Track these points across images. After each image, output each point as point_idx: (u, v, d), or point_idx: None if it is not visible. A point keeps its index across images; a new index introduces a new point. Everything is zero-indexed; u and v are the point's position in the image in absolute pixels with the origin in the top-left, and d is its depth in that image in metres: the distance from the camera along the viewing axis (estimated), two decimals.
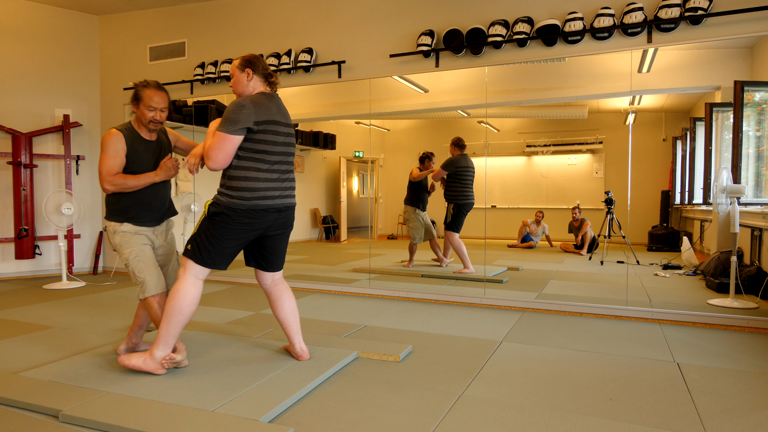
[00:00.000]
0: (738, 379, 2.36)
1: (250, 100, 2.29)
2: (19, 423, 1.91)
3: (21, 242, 5.30)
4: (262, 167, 2.32)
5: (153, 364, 2.32)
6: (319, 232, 8.14)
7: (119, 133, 2.50)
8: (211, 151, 2.25)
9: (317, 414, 1.98)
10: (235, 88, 2.43)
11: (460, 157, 5.09)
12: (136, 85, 2.54)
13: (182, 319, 2.30)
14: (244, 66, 2.39)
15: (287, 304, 2.57)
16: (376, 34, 4.46)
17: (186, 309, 2.30)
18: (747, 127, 3.91)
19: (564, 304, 3.75)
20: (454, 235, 5.04)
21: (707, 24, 3.41)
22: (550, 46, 3.84)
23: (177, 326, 2.30)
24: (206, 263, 2.33)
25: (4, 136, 5.29)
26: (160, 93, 2.51)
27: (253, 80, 2.40)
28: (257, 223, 2.35)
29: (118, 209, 2.54)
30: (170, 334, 2.31)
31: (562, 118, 5.80)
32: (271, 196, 2.35)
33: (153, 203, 2.60)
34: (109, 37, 5.80)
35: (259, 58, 2.43)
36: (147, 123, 2.52)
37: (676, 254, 4.84)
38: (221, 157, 2.25)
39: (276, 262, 2.56)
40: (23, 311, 3.82)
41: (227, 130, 2.23)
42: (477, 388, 2.24)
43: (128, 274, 5.69)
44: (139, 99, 2.50)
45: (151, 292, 2.50)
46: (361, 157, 7.94)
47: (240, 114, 2.23)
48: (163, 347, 2.32)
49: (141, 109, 2.50)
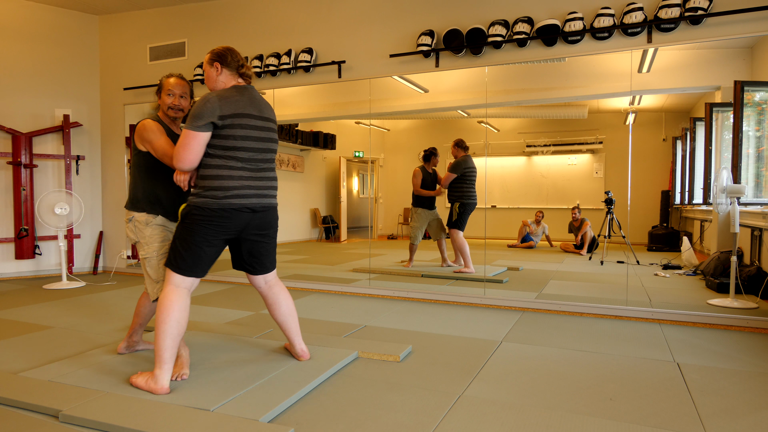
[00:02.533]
0: (738, 379, 2.36)
1: (215, 95, 2.19)
2: (19, 423, 1.91)
3: (21, 242, 5.30)
4: (235, 165, 2.20)
5: (154, 385, 2.14)
6: (319, 232, 8.14)
7: (155, 122, 2.50)
8: (178, 151, 2.16)
9: (317, 414, 1.98)
10: (207, 84, 2.36)
11: (466, 158, 5.14)
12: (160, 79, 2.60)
13: (175, 329, 2.15)
14: (213, 60, 2.31)
15: (284, 307, 2.51)
16: (376, 34, 4.46)
17: (176, 319, 2.15)
18: (747, 127, 3.91)
19: (564, 304, 3.75)
20: (458, 234, 5.06)
21: (707, 24, 3.41)
22: (550, 46, 3.84)
23: (169, 339, 2.14)
24: (183, 270, 2.20)
25: (4, 136, 5.29)
26: (179, 80, 2.55)
27: (223, 74, 2.31)
28: (230, 225, 2.22)
29: (156, 201, 2.49)
30: (165, 349, 2.14)
31: (562, 118, 5.80)
32: (244, 194, 2.22)
33: (180, 196, 2.58)
34: (109, 37, 5.80)
35: (230, 51, 2.33)
36: (167, 109, 2.53)
37: (676, 254, 4.84)
38: (188, 156, 2.15)
39: (262, 266, 2.45)
40: (23, 311, 3.81)
41: (191, 127, 2.13)
42: (477, 388, 2.24)
43: (129, 274, 5.72)
44: (161, 88, 2.55)
45: None
46: (361, 157, 7.94)
47: (203, 109, 2.13)
48: (162, 365, 2.14)
49: (162, 97, 2.54)
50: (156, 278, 2.49)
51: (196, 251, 2.21)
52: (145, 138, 2.42)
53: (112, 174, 5.84)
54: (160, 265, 2.46)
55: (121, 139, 5.75)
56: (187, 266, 2.21)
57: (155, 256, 2.47)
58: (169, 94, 2.52)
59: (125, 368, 2.44)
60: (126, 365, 2.49)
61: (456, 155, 5.17)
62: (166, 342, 2.14)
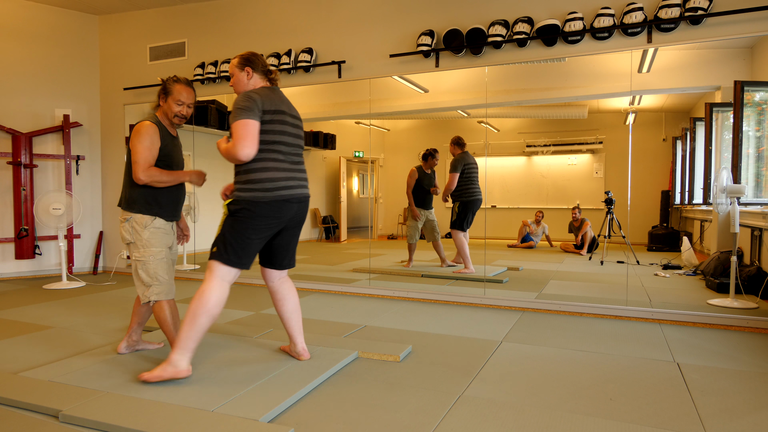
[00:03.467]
0: (738, 379, 2.36)
1: (255, 92, 2.29)
2: (19, 423, 1.91)
3: (21, 242, 5.30)
4: (279, 158, 2.30)
5: (172, 369, 2.20)
6: (319, 232, 8.14)
7: (155, 126, 2.48)
8: (239, 141, 2.17)
9: (317, 414, 1.98)
10: (235, 87, 2.42)
11: (464, 155, 5.11)
12: (165, 80, 2.55)
13: (206, 321, 2.21)
14: (243, 65, 2.38)
15: (292, 303, 2.55)
16: (376, 34, 4.46)
17: (211, 310, 2.21)
18: (747, 127, 3.91)
19: (564, 304, 3.75)
20: (457, 234, 5.04)
21: (707, 24, 3.41)
22: (550, 46, 3.84)
23: (200, 329, 2.21)
24: (233, 263, 2.27)
25: (4, 136, 5.29)
26: (189, 89, 2.54)
27: (253, 78, 2.39)
28: (280, 216, 2.31)
29: (154, 203, 2.49)
30: (191, 337, 2.20)
31: (562, 118, 5.80)
32: (291, 186, 2.33)
33: (180, 200, 2.62)
34: (109, 37, 5.80)
35: (258, 56, 2.42)
36: (173, 117, 2.52)
37: (676, 254, 4.84)
38: (253, 144, 2.20)
39: (290, 260, 2.54)
40: (23, 311, 3.81)
41: (246, 116, 2.20)
42: (477, 388, 2.24)
43: (129, 274, 5.71)
44: (168, 92, 2.51)
45: (169, 295, 2.49)
46: (361, 157, 7.94)
47: (251, 103, 2.22)
48: (183, 351, 2.20)
49: (169, 103, 2.51)
50: (147, 282, 2.48)
51: (247, 243, 2.27)
52: (133, 140, 2.43)
53: (112, 174, 5.84)
54: (156, 270, 2.46)
55: (121, 139, 5.75)
56: (237, 258, 2.27)
57: (151, 260, 2.45)
58: (179, 104, 2.51)
59: (125, 368, 2.44)
60: (126, 365, 2.49)
61: (454, 153, 5.15)
62: (193, 332, 2.20)
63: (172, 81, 2.52)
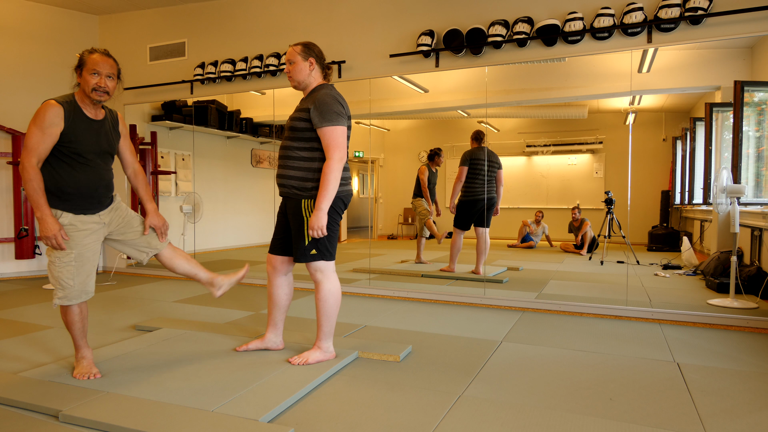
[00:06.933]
0: (738, 379, 2.36)
1: (342, 98, 2.40)
2: (19, 423, 1.91)
3: (21, 242, 5.30)
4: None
5: (324, 354, 2.49)
6: None
7: (59, 106, 2.13)
8: (338, 149, 2.31)
9: (317, 414, 1.98)
10: (294, 74, 2.42)
11: (473, 150, 4.93)
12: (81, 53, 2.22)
13: (337, 309, 2.49)
14: (308, 55, 2.41)
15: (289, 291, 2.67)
16: (376, 34, 4.46)
17: (338, 299, 2.48)
18: (747, 127, 3.91)
19: (564, 304, 3.75)
20: (455, 232, 5.03)
21: (707, 24, 3.41)
22: (550, 46, 3.84)
23: (334, 319, 2.51)
24: (332, 256, 2.46)
25: (4, 136, 5.29)
26: (106, 58, 2.20)
27: (315, 70, 2.42)
28: (345, 208, 2.51)
29: (56, 191, 2.17)
30: (332, 326, 2.50)
31: (562, 118, 5.80)
32: (349, 182, 2.51)
33: (96, 186, 2.26)
34: (109, 37, 5.80)
35: (319, 49, 2.48)
36: (90, 92, 2.17)
37: (676, 254, 4.84)
38: (346, 148, 2.37)
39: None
40: (23, 311, 3.81)
41: (340, 123, 2.32)
42: (477, 388, 2.24)
43: (129, 274, 5.70)
44: (83, 65, 2.18)
45: (80, 299, 2.27)
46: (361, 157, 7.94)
47: (341, 108, 2.35)
48: (329, 338, 2.51)
49: (84, 76, 2.18)
50: (53, 284, 2.22)
51: (334, 236, 2.47)
52: (30, 123, 2.10)
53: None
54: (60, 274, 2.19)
55: None
56: (334, 250, 2.47)
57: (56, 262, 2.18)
58: (93, 73, 2.16)
59: (125, 368, 2.44)
60: (126, 365, 2.49)
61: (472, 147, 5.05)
62: (333, 321, 2.50)
63: (87, 52, 2.20)
